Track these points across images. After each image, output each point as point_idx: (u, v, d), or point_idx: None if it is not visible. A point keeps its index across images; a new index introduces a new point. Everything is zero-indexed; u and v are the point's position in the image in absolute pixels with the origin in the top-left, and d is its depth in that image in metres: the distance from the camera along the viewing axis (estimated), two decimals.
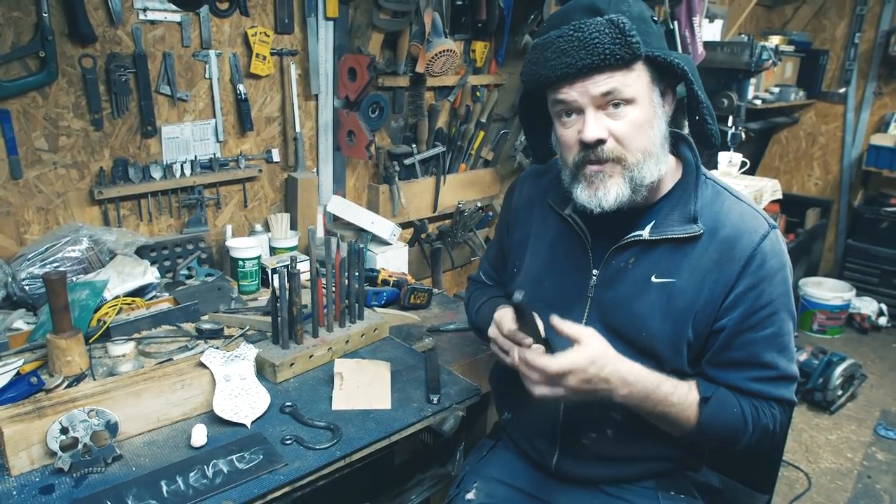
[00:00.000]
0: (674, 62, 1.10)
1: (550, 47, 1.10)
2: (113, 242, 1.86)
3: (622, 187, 1.14)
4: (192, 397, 1.32)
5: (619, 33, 1.06)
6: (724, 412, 1.17)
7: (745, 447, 1.20)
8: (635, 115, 1.12)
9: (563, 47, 1.08)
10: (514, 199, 1.49)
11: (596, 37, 1.06)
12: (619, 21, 1.06)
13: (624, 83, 1.09)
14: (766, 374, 1.18)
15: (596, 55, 1.06)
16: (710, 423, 1.17)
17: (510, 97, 2.95)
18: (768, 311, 1.16)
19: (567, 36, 1.08)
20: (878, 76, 4.64)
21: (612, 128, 1.12)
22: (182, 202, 2.09)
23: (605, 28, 1.06)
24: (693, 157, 1.25)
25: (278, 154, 2.28)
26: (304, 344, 1.56)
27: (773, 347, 1.17)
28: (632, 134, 1.12)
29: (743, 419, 1.18)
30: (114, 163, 1.93)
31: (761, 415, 1.19)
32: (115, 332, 1.61)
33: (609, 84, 1.09)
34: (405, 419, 1.38)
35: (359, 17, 2.31)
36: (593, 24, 1.06)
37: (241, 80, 2.11)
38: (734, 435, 1.19)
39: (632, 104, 1.11)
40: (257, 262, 2.02)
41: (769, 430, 1.20)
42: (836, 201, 4.98)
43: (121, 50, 1.86)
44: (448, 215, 2.95)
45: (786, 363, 1.19)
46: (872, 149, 4.54)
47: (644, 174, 1.14)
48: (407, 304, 2.10)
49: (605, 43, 1.06)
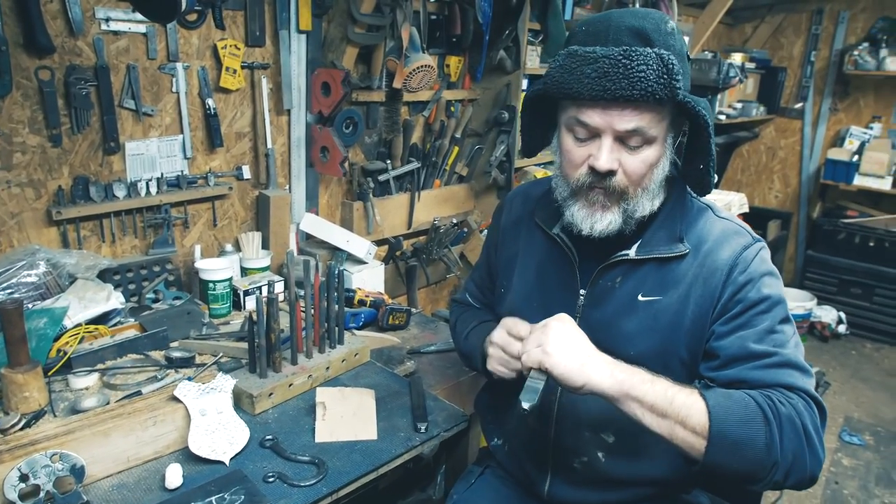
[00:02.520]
0: (700, 112, 1.07)
1: (592, 64, 1.04)
2: (73, 266, 1.75)
3: (616, 217, 1.15)
4: (165, 434, 1.23)
5: (666, 73, 1.01)
6: (731, 400, 1.03)
7: (780, 451, 1.00)
8: (649, 155, 1.10)
9: (607, 70, 1.02)
10: (501, 218, 1.46)
11: (643, 70, 1.01)
12: (668, 60, 1.01)
13: (651, 123, 1.07)
14: (763, 362, 1.08)
15: (637, 89, 1.02)
16: (720, 411, 1.01)
17: (484, 112, 2.93)
18: (758, 309, 1.12)
19: (613, 59, 1.02)
20: (834, 93, 4.80)
21: (624, 162, 1.10)
22: (147, 222, 1.98)
23: (654, 63, 1.01)
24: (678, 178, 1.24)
25: (249, 171, 2.20)
26: (282, 372, 1.48)
27: (768, 341, 1.10)
28: (641, 172, 1.11)
29: (757, 407, 1.02)
30: (73, 181, 1.82)
31: (777, 403, 1.03)
32: (76, 364, 1.51)
33: (637, 122, 1.06)
34: (392, 450, 1.32)
35: (333, 30, 2.25)
36: (643, 56, 1.01)
37: (210, 94, 2.03)
38: (756, 431, 1.00)
39: (650, 144, 1.10)
40: (229, 284, 1.93)
41: (798, 428, 1.01)
42: (795, 213, 5.11)
43: (81, 62, 1.76)
44: (422, 232, 2.90)
45: (787, 352, 1.09)
46: (829, 163, 4.68)
47: (637, 208, 1.15)
48: (385, 325, 2.04)
49: (650, 79, 1.01)
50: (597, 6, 3.21)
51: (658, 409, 1.03)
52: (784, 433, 1.01)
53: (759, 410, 1.02)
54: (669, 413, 1.03)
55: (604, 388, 1.04)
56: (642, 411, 1.04)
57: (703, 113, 1.07)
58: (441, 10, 2.61)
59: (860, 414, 3.60)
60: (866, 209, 4.72)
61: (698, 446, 1.03)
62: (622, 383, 1.04)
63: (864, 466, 3.13)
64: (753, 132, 5.10)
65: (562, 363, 1.04)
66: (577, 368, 1.04)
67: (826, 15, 4.72)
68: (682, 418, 1.03)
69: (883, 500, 2.90)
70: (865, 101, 4.72)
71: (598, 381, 1.04)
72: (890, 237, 4.33)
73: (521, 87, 2.86)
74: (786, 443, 1.01)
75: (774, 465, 1.01)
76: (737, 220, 1.23)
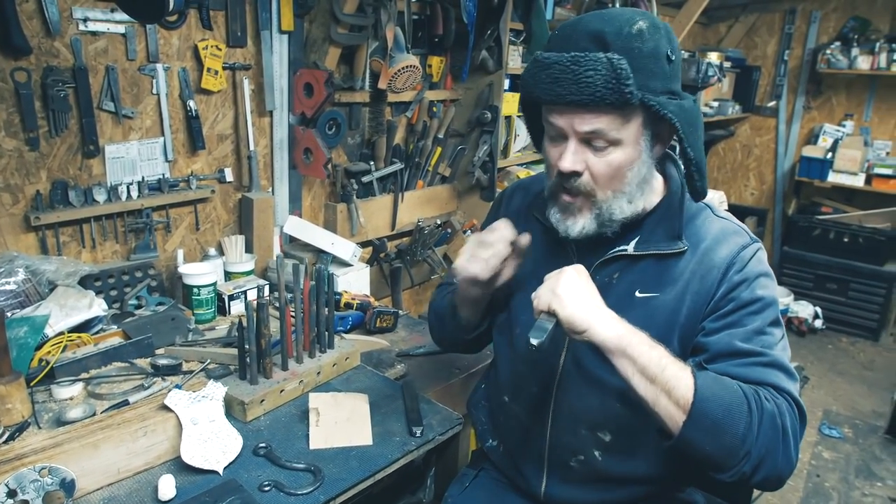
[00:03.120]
0: (667, 116, 1.06)
1: (546, 70, 1.06)
2: (53, 273, 1.70)
3: (589, 221, 1.16)
4: (156, 444, 1.20)
5: (614, 77, 1.01)
6: (720, 384, 1.04)
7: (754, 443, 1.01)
8: (616, 157, 1.10)
9: (557, 76, 1.04)
10: (500, 210, 1.45)
11: (590, 75, 1.02)
12: (617, 65, 1.01)
13: (611, 126, 1.07)
14: (750, 360, 1.09)
15: (585, 94, 1.03)
16: (706, 391, 1.02)
17: (467, 112, 2.92)
18: (750, 310, 1.12)
19: (562, 65, 1.04)
20: (807, 91, 4.89)
21: (590, 163, 1.11)
22: (128, 226, 1.94)
23: (601, 68, 1.01)
24: (678, 175, 1.24)
25: (231, 174, 2.16)
26: (273, 378, 1.46)
27: (756, 342, 1.11)
28: (608, 174, 1.11)
29: (744, 396, 1.03)
30: (52, 185, 1.77)
31: (763, 399, 1.04)
32: (59, 373, 1.47)
33: (595, 125, 1.07)
34: (389, 455, 1.30)
35: (315, 30, 2.23)
36: (590, 62, 1.02)
37: (191, 95, 1.99)
38: (738, 418, 1.01)
39: (616, 145, 1.09)
40: (213, 288, 1.90)
41: (777, 424, 1.02)
42: (771, 210, 5.20)
43: (59, 63, 1.72)
44: (406, 233, 2.88)
45: (774, 353, 1.10)
46: (804, 160, 4.77)
47: (613, 211, 1.15)
48: (373, 328, 2.02)
49: (597, 84, 1.02)
50: (577, 6, 3.22)
51: (648, 373, 1.04)
52: (763, 427, 1.02)
53: (745, 400, 1.03)
54: (658, 380, 1.04)
55: (604, 337, 1.05)
56: (633, 370, 1.05)
57: (670, 116, 1.06)
58: (423, 10, 2.59)
59: (839, 407, 3.67)
60: (840, 205, 4.82)
61: (678, 419, 1.03)
62: (622, 338, 1.05)
63: (844, 459, 3.19)
64: (729, 130, 5.17)
65: (569, 306, 1.06)
66: (582, 313, 1.05)
67: (799, 14, 4.80)
68: (668, 388, 1.03)
69: (863, 491, 2.95)
70: (838, 100, 4.81)
71: (600, 329, 1.05)
72: (864, 233, 4.42)
73: (503, 87, 2.86)
74: (762, 436, 1.02)
75: (746, 455, 1.01)
76: (735, 220, 1.24)
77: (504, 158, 3.14)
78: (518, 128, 3.22)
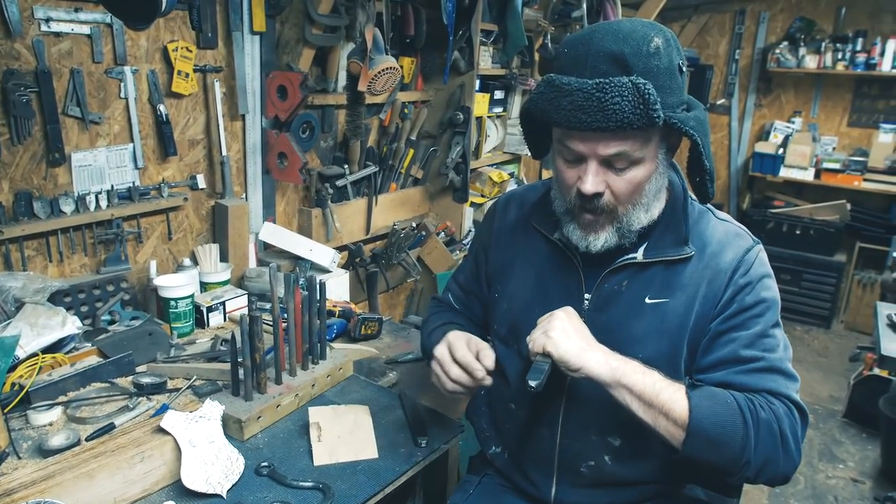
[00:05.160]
0: (688, 133, 1.07)
1: (568, 97, 1.02)
2: (20, 289, 1.59)
3: (611, 235, 1.17)
4: (154, 470, 1.13)
5: (642, 103, 0.99)
6: (713, 401, 1.08)
7: (752, 452, 1.06)
8: (637, 174, 1.10)
9: (581, 104, 1.01)
10: (494, 222, 1.43)
11: (617, 102, 0.99)
12: (644, 90, 0.99)
13: (634, 147, 1.06)
14: (750, 367, 1.12)
15: (612, 121, 1.00)
16: (701, 411, 1.06)
17: (437, 114, 2.90)
18: (753, 312, 1.15)
19: (587, 93, 1.00)
20: (758, 89, 5.05)
21: (611, 182, 1.11)
22: (98, 238, 1.84)
23: (628, 94, 0.99)
24: (679, 181, 1.25)
25: (204, 180, 2.08)
26: (268, 393, 1.40)
27: (758, 346, 1.14)
28: (629, 191, 1.12)
29: (738, 409, 1.07)
30: (15, 196, 1.66)
31: (758, 408, 1.08)
32: (35, 398, 1.38)
33: (620, 148, 1.06)
34: (396, 467, 1.27)
35: (287, 31, 2.16)
36: (617, 87, 0.99)
37: (161, 99, 1.90)
38: (733, 432, 1.05)
39: (637, 164, 1.10)
40: (191, 300, 1.82)
41: (775, 432, 1.07)
42: (726, 204, 5.35)
43: (20, 66, 1.61)
44: (380, 237, 2.84)
45: (775, 357, 1.13)
46: (757, 156, 4.93)
47: (633, 222, 1.16)
48: (358, 336, 1.97)
49: (626, 111, 0.99)
50: (543, 6, 3.24)
51: (645, 399, 1.08)
52: (760, 436, 1.07)
53: (739, 413, 1.08)
54: (655, 403, 1.08)
55: (598, 372, 1.08)
56: (631, 398, 1.09)
57: (691, 133, 1.07)
58: (394, 10, 2.56)
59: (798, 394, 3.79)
60: (791, 199, 5.00)
61: (678, 437, 1.08)
62: (615, 370, 1.09)
63: (806, 444, 3.30)
64: None
65: (562, 346, 1.08)
66: (575, 353, 1.08)
67: (748, 15, 4.96)
68: (666, 410, 1.08)
69: (827, 473, 3.07)
70: (786, 97, 4.99)
71: (593, 365, 1.08)
72: (815, 225, 4.60)
73: (474, 88, 2.85)
74: (760, 445, 1.07)
75: (747, 464, 1.07)
76: (735, 222, 1.25)
77: (476, 159, 3.13)
78: (488, 128, 3.22)
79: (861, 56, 4.46)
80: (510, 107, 3.48)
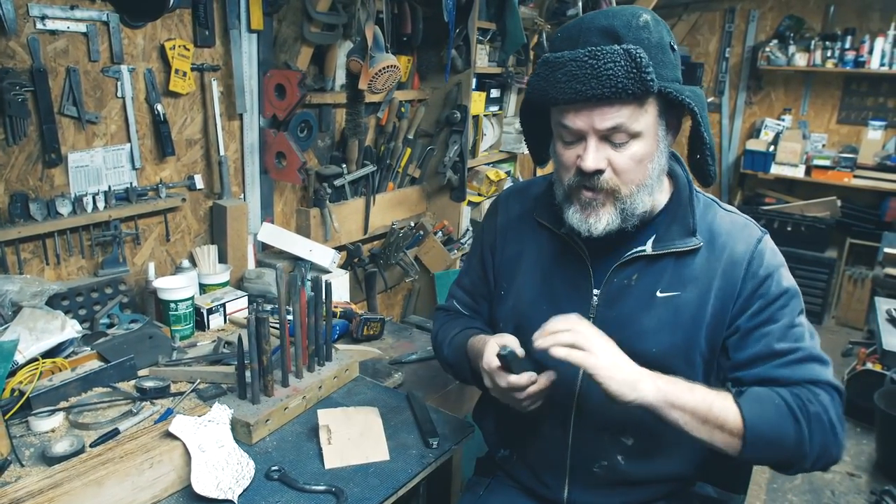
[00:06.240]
0: (685, 101, 1.07)
1: (562, 69, 1.04)
2: (16, 293, 1.56)
3: (613, 216, 1.14)
4: (163, 476, 1.11)
5: (635, 67, 1.00)
6: (763, 405, 1.09)
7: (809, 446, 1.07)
8: (637, 150, 1.09)
9: (575, 72, 1.02)
10: (498, 218, 1.41)
11: (610, 67, 1.00)
12: (636, 54, 1.00)
13: (631, 118, 1.06)
14: (788, 359, 1.13)
15: (607, 87, 1.01)
16: (754, 418, 1.07)
17: (434, 112, 2.88)
18: (779, 304, 1.15)
19: (580, 61, 1.02)
20: (748, 87, 5.08)
21: (612, 159, 1.09)
22: (95, 240, 1.80)
23: (620, 59, 1.00)
24: (683, 172, 1.24)
25: (202, 180, 2.05)
26: (275, 396, 1.38)
27: (790, 337, 1.14)
28: (631, 167, 1.10)
29: (788, 410, 1.08)
30: (11, 198, 1.63)
31: (806, 402, 1.08)
32: (36, 403, 1.35)
33: (617, 119, 1.05)
34: (409, 469, 1.25)
35: (285, 30, 2.14)
36: (609, 54, 1.01)
37: (158, 98, 1.87)
38: (787, 432, 1.07)
39: (636, 138, 1.08)
40: (191, 303, 1.80)
41: (825, 423, 1.08)
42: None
43: (15, 65, 1.58)
44: (378, 236, 2.82)
45: (807, 345, 1.14)
46: (748, 153, 4.95)
47: (636, 205, 1.14)
48: (360, 337, 1.96)
49: (619, 76, 1.00)
50: (539, 4, 3.23)
51: (699, 416, 1.07)
52: (813, 430, 1.07)
53: (789, 411, 1.08)
54: (710, 419, 1.07)
55: (650, 400, 1.05)
56: (685, 419, 1.07)
57: (688, 101, 1.07)
58: (391, 9, 2.53)
59: None
60: (782, 195, 5.03)
61: (736, 446, 1.08)
62: (666, 395, 1.06)
63: None
64: None
65: (615, 380, 1.04)
66: (629, 386, 1.04)
67: (738, 13, 4.98)
68: (720, 423, 1.07)
69: None
70: (776, 95, 5.03)
71: (646, 395, 1.05)
72: (806, 221, 4.63)
73: (471, 87, 2.83)
74: (815, 438, 1.07)
75: (804, 456, 1.08)
76: (741, 213, 1.25)
77: (472, 158, 3.12)
78: (485, 127, 3.21)
79: (850, 54, 4.49)
80: (506, 105, 3.47)
